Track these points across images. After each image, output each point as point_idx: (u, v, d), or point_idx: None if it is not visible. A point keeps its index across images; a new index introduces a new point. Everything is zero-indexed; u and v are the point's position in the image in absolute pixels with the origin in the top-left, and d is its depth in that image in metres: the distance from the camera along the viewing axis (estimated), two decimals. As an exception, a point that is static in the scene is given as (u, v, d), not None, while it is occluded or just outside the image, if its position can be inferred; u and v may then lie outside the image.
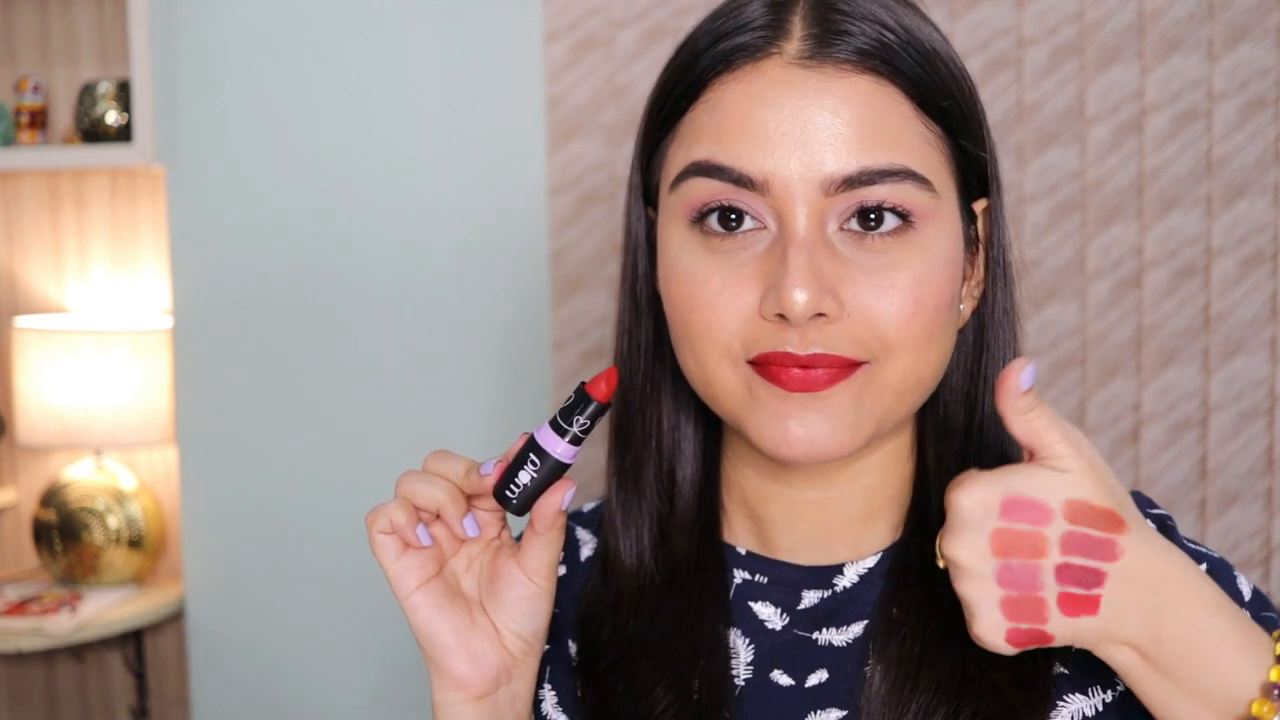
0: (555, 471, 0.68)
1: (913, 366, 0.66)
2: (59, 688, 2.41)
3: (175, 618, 2.29)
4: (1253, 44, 1.83)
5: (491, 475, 0.68)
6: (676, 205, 0.68)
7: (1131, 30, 1.86)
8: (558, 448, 0.67)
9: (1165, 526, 0.72)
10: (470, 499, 0.70)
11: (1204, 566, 0.64)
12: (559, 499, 0.68)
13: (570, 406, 0.67)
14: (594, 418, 0.67)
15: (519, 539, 0.73)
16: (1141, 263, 1.88)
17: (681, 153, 0.67)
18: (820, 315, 0.63)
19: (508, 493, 0.68)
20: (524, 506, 0.68)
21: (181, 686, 2.33)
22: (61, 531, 2.21)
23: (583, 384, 0.68)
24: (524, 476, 0.67)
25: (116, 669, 2.36)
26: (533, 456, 0.67)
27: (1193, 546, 0.71)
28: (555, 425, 0.67)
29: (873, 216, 0.64)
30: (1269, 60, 1.83)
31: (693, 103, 0.67)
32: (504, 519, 0.72)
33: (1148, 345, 1.88)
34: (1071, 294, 1.89)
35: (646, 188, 0.74)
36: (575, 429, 0.67)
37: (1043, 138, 1.88)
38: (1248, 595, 0.70)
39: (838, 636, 0.72)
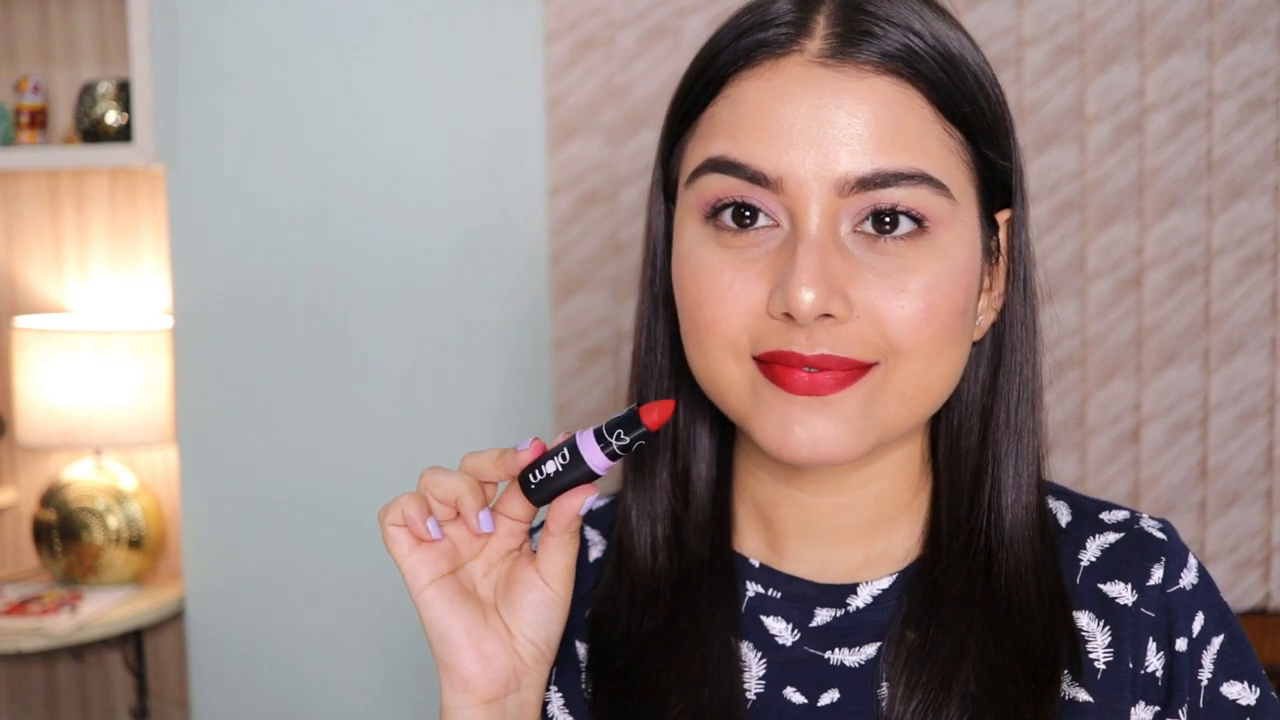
0: (583, 476, 0.66)
1: (922, 373, 0.65)
2: (59, 688, 2.41)
3: (175, 618, 2.29)
4: (1253, 44, 1.83)
5: (528, 451, 0.67)
6: (692, 200, 0.68)
7: (1131, 30, 1.86)
8: (594, 457, 0.66)
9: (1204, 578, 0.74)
10: (497, 501, 0.70)
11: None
12: (578, 503, 0.67)
13: (618, 420, 0.66)
14: (635, 441, 0.65)
15: None
16: (1141, 263, 1.88)
17: (699, 148, 0.67)
18: (827, 316, 0.63)
19: (530, 477, 0.67)
20: (543, 497, 0.67)
21: (181, 686, 2.33)
22: (61, 531, 2.20)
23: (637, 404, 0.66)
24: (550, 467, 0.66)
25: (116, 669, 2.36)
26: (566, 453, 0.66)
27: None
28: (598, 433, 0.66)
29: (887, 220, 0.64)
30: (1269, 60, 1.83)
31: (713, 98, 0.67)
32: (525, 531, 0.71)
33: (1148, 345, 1.88)
34: (1071, 294, 1.89)
35: (667, 182, 0.74)
36: (614, 444, 0.65)
37: (1043, 138, 1.88)
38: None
39: (850, 657, 0.72)
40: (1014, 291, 0.72)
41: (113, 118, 2.17)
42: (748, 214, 0.65)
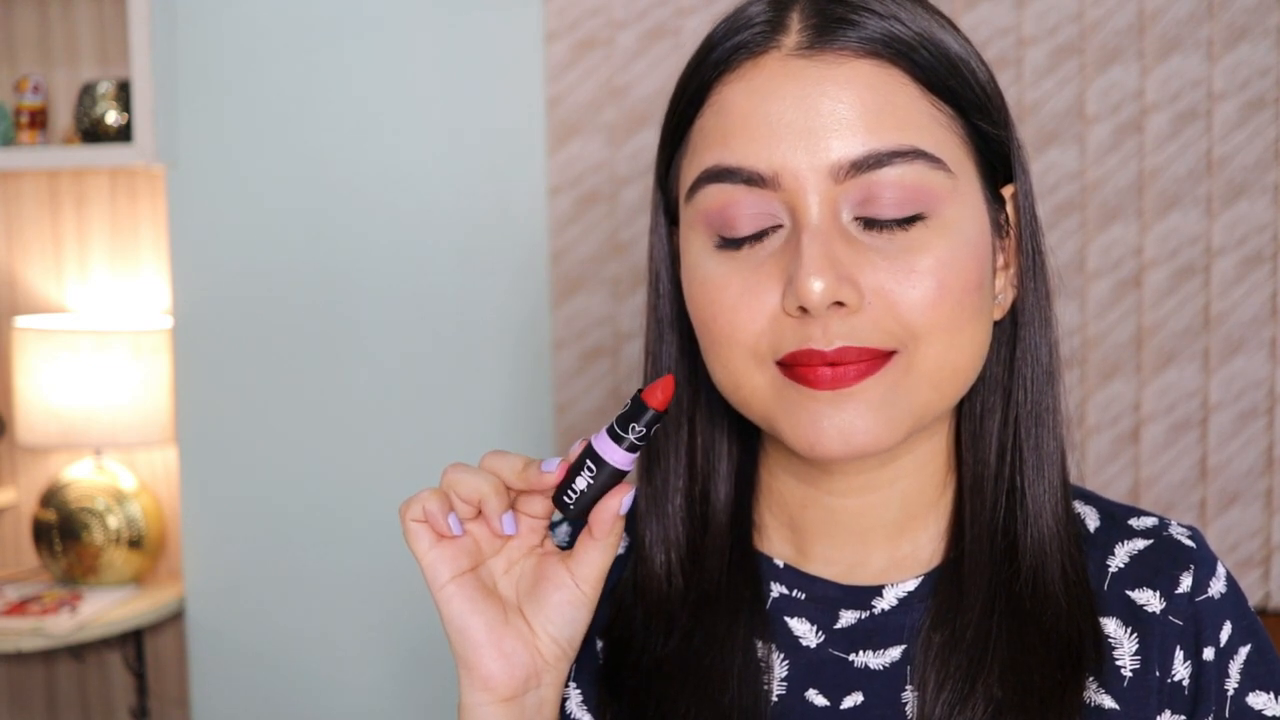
0: (612, 478, 0.66)
1: (945, 354, 0.64)
2: (59, 688, 2.41)
3: (175, 618, 2.29)
4: (1253, 44, 1.83)
5: (554, 474, 0.67)
6: (694, 215, 0.67)
7: (1131, 30, 1.86)
8: (615, 456, 0.66)
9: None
10: (516, 499, 0.69)
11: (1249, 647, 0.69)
12: (617, 503, 0.67)
13: (627, 414, 0.66)
14: (650, 426, 0.65)
15: (566, 548, 0.72)
16: (1141, 263, 1.88)
17: (694, 163, 0.67)
18: (839, 305, 0.62)
19: (565, 498, 0.67)
20: (581, 513, 0.67)
21: (181, 686, 2.33)
22: (61, 531, 2.20)
23: (639, 391, 0.66)
24: (580, 483, 0.66)
25: (116, 669, 2.36)
26: (590, 463, 0.66)
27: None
28: (612, 433, 0.66)
29: (882, 227, 0.63)
30: (1269, 60, 1.83)
31: (700, 109, 0.67)
32: (546, 527, 0.71)
33: (1148, 345, 1.88)
34: (1071, 294, 1.89)
35: (668, 203, 0.73)
36: (632, 437, 0.65)
37: (1043, 138, 1.88)
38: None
39: (874, 660, 0.71)
40: (1024, 262, 0.71)
41: (113, 118, 2.17)
42: (753, 236, 0.65)
